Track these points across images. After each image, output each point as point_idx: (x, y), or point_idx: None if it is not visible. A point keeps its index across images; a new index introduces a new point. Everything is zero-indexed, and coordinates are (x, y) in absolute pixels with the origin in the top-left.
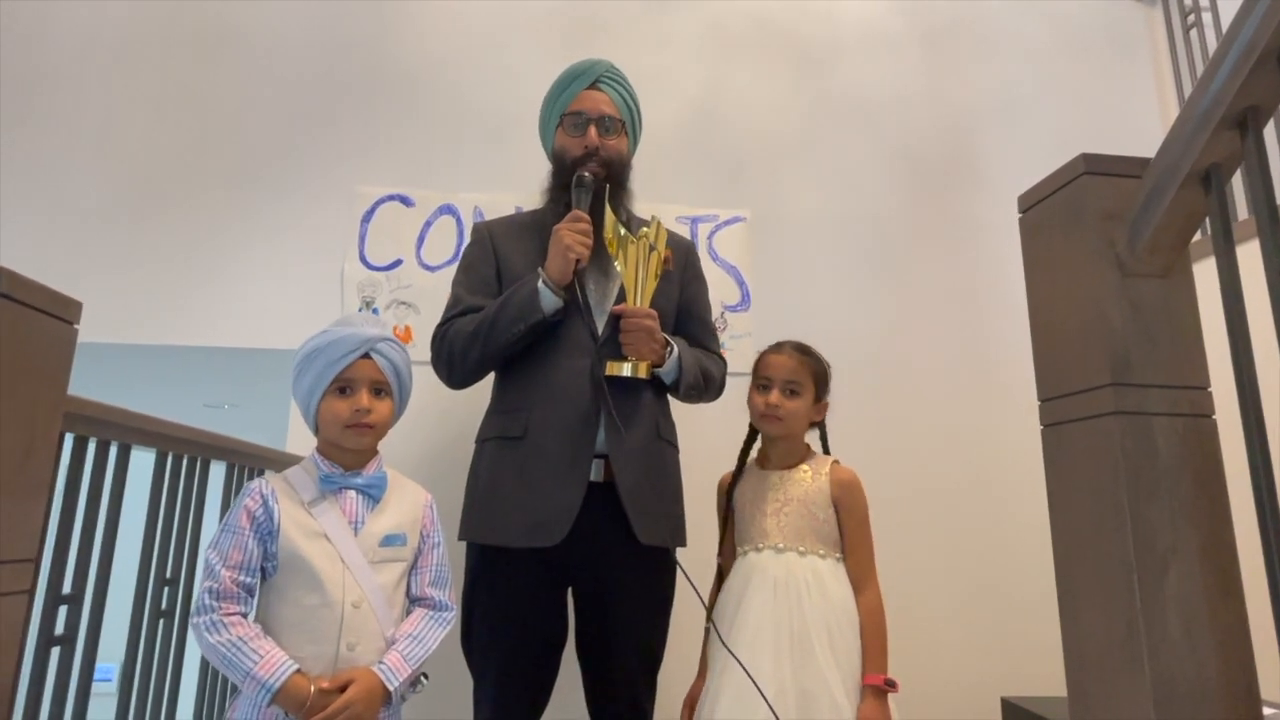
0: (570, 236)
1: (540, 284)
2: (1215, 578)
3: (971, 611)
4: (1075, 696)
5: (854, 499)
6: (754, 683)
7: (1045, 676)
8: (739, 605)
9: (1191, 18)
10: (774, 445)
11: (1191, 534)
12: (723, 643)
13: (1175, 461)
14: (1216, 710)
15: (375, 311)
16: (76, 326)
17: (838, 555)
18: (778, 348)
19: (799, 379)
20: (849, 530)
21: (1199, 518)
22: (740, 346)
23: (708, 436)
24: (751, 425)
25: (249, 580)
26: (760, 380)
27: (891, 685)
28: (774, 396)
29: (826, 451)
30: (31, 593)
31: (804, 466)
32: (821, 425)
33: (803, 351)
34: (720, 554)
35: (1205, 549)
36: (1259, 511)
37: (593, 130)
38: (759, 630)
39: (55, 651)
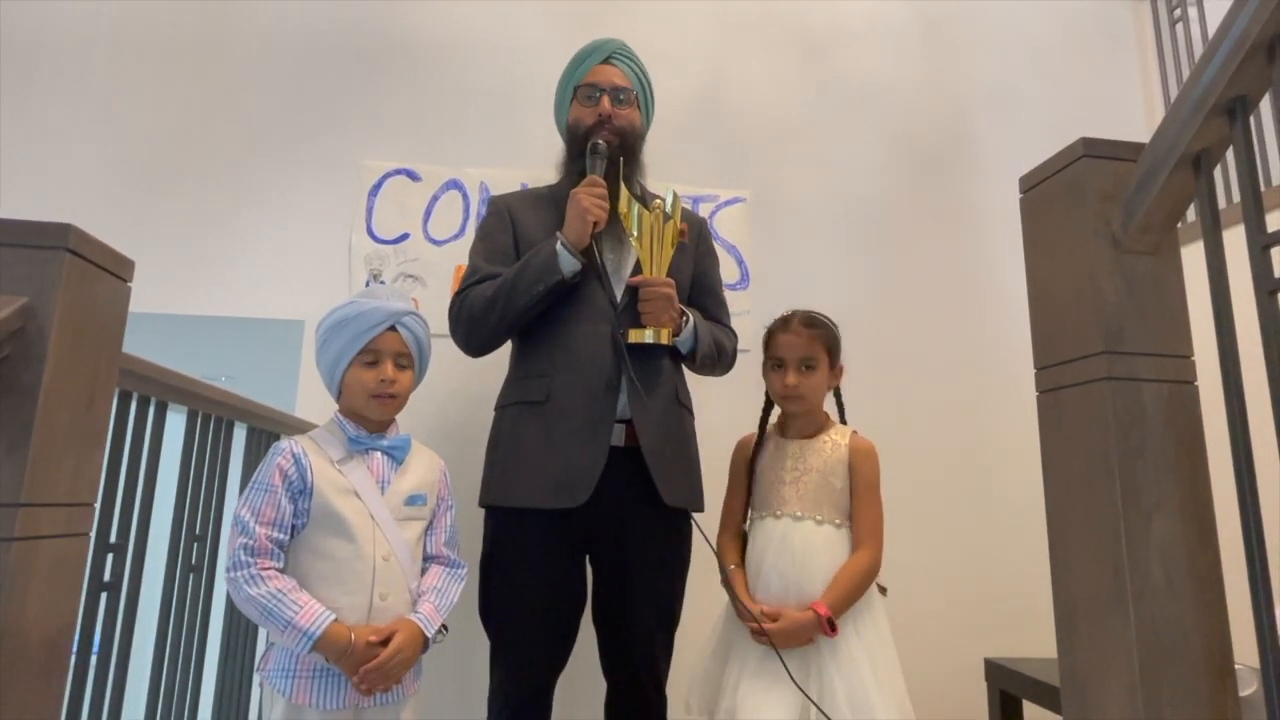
0: (588, 200)
1: (559, 246)
2: (1194, 530)
3: (957, 579)
4: (1064, 638)
5: (865, 464)
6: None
7: (1025, 641)
8: (759, 573)
9: (1178, 11)
10: (795, 415)
11: (1174, 490)
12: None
13: (1160, 423)
14: (1193, 649)
15: (382, 283)
16: (130, 284)
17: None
18: (785, 324)
19: (812, 354)
20: (856, 493)
21: (1181, 475)
22: (740, 324)
23: (719, 403)
24: (768, 395)
25: (281, 537)
26: (773, 360)
27: (833, 627)
28: (791, 377)
29: (843, 419)
30: (89, 536)
31: (824, 436)
32: (837, 392)
33: (811, 324)
34: (726, 513)
35: (1186, 504)
36: (1236, 472)
37: (605, 100)
38: (779, 599)
39: (103, 597)
